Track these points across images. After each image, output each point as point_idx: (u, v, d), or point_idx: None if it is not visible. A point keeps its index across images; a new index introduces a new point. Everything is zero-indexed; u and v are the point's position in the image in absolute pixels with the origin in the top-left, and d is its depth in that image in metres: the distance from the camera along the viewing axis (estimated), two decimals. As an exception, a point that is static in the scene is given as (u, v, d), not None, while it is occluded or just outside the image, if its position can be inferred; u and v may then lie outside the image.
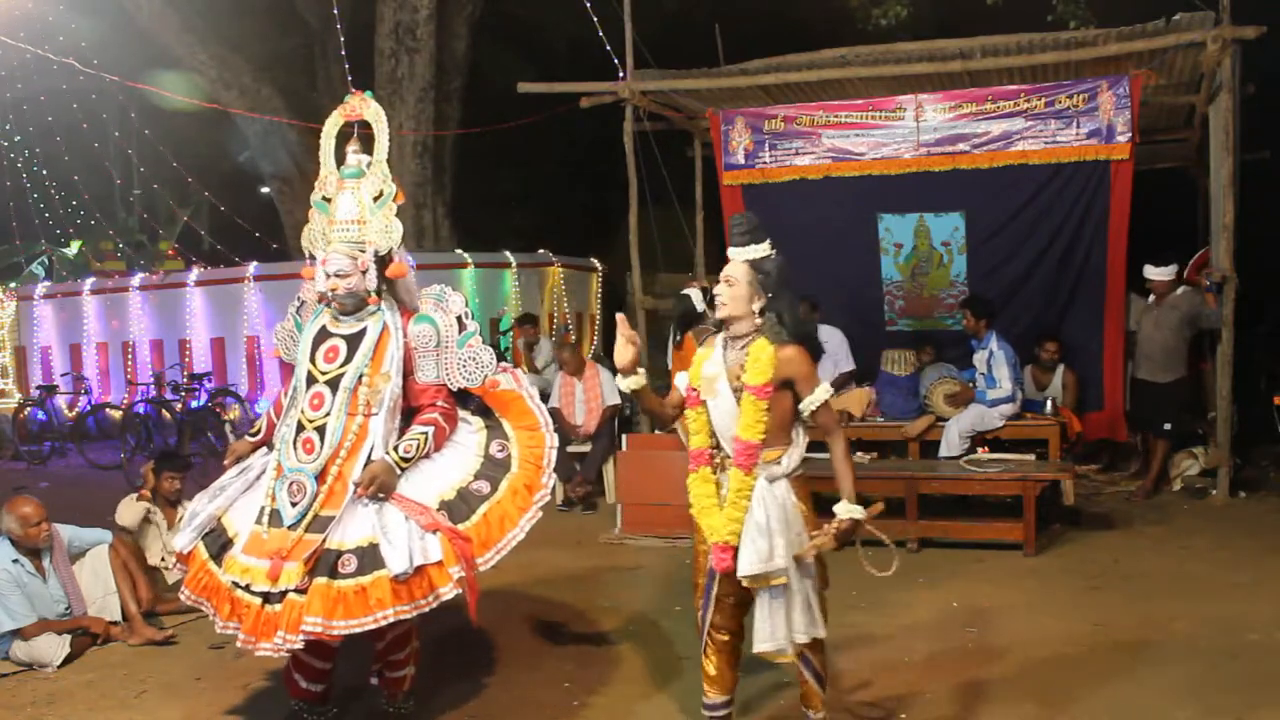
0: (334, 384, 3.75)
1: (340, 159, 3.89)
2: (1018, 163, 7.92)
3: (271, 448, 3.93)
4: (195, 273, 13.30)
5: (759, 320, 3.39)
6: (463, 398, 4.05)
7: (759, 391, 3.32)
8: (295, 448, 3.75)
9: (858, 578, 5.75)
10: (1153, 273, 7.79)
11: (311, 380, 3.80)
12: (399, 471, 3.70)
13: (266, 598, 3.54)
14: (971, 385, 7.55)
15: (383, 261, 3.83)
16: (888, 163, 8.20)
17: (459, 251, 12.45)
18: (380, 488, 3.63)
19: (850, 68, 8.18)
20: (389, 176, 3.85)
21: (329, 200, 3.87)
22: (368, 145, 3.92)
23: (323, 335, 3.86)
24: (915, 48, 8.07)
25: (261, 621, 3.52)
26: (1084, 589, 5.57)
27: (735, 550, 3.31)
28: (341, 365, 3.77)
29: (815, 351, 3.44)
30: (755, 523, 3.30)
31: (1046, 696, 4.12)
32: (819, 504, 3.66)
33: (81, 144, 16.90)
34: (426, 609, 3.57)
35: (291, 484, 3.69)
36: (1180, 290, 7.78)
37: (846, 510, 3.38)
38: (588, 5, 9.54)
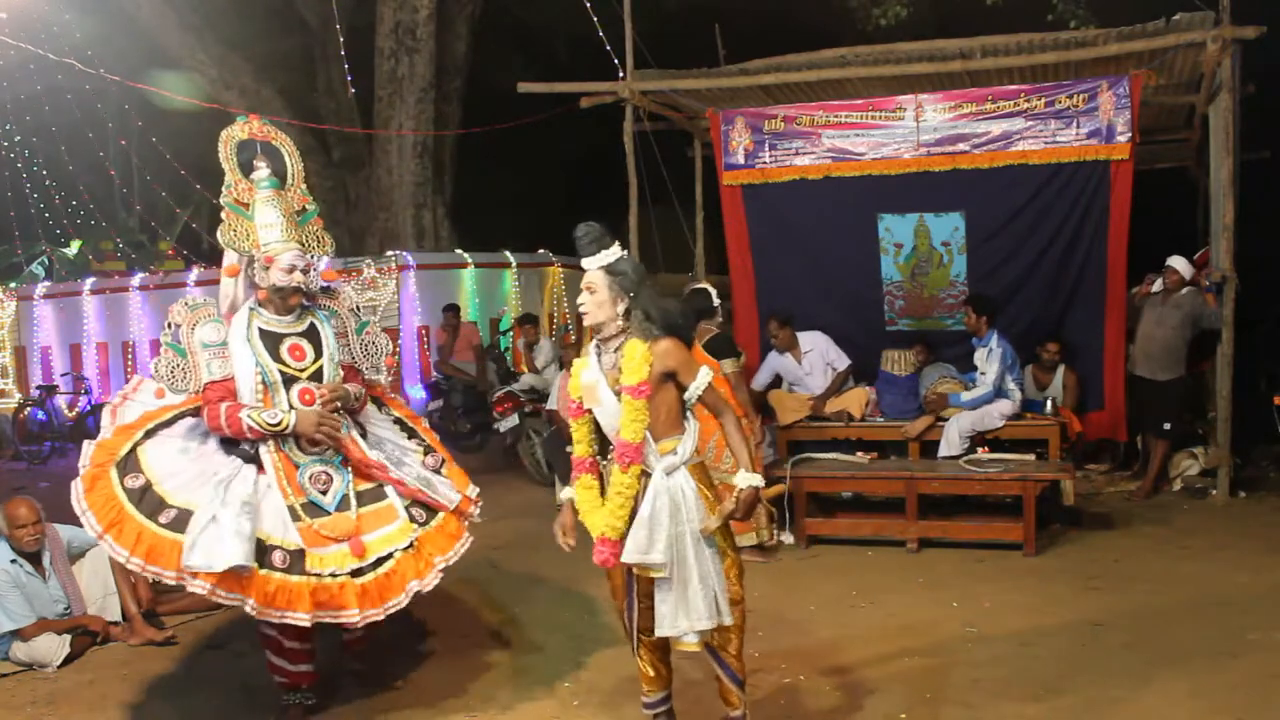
0: (315, 377, 4.14)
1: (246, 170, 4.27)
2: (1018, 163, 7.91)
3: (251, 458, 4.02)
4: (195, 273, 13.30)
5: (623, 322, 3.50)
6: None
7: (634, 391, 3.40)
8: (299, 443, 4.04)
9: (858, 578, 5.79)
10: (1179, 264, 7.75)
11: (292, 379, 4.08)
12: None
13: (355, 573, 3.90)
14: (970, 385, 7.55)
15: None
16: (888, 163, 8.19)
17: (459, 251, 12.46)
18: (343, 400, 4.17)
19: (850, 68, 8.17)
20: (308, 194, 4.43)
21: (244, 205, 4.20)
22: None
23: (272, 337, 4.12)
24: (915, 48, 8.07)
25: (361, 593, 3.87)
26: (1084, 589, 5.57)
27: (615, 544, 3.44)
28: (315, 360, 4.16)
29: (689, 340, 3.58)
30: (640, 515, 3.39)
31: (1047, 696, 4.12)
32: (822, 505, 3.71)
33: (81, 144, 16.89)
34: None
35: (311, 475, 4.03)
36: (1185, 290, 7.78)
37: (746, 479, 3.44)
38: (588, 5, 9.54)
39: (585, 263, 3.54)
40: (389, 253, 11.71)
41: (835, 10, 11.95)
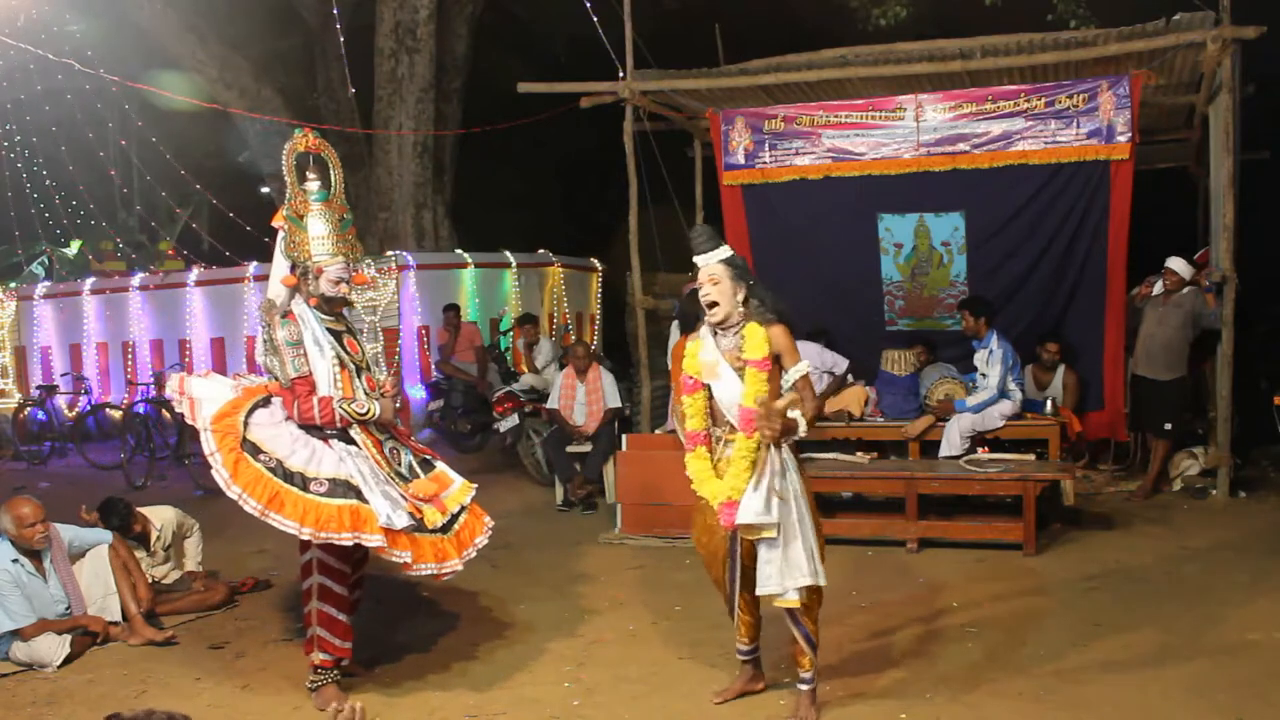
0: (366, 367, 4.55)
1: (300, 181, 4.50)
2: (1018, 163, 7.92)
3: (344, 439, 4.33)
4: (195, 273, 13.28)
5: (743, 309, 3.94)
6: None
7: (761, 365, 3.89)
8: (372, 424, 4.41)
9: (857, 578, 5.79)
10: (1177, 265, 7.75)
11: (360, 369, 4.49)
12: None
13: (442, 529, 4.37)
14: (971, 386, 7.55)
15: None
16: (888, 163, 8.19)
17: (459, 251, 12.45)
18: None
19: (850, 68, 8.17)
20: (346, 204, 4.63)
21: (301, 216, 4.43)
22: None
23: (335, 334, 4.46)
24: (915, 48, 8.06)
25: (442, 548, 4.30)
26: (1084, 589, 5.57)
27: (738, 505, 3.82)
28: (361, 355, 4.55)
29: (794, 328, 3.98)
30: (753, 481, 3.81)
31: (1047, 697, 4.12)
32: (823, 505, 3.89)
33: (81, 144, 16.89)
34: None
35: (389, 449, 4.48)
36: (1186, 290, 7.78)
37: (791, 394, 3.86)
38: (588, 5, 9.53)
39: (704, 259, 3.96)
40: (389, 253, 11.70)
41: (835, 10, 11.94)
